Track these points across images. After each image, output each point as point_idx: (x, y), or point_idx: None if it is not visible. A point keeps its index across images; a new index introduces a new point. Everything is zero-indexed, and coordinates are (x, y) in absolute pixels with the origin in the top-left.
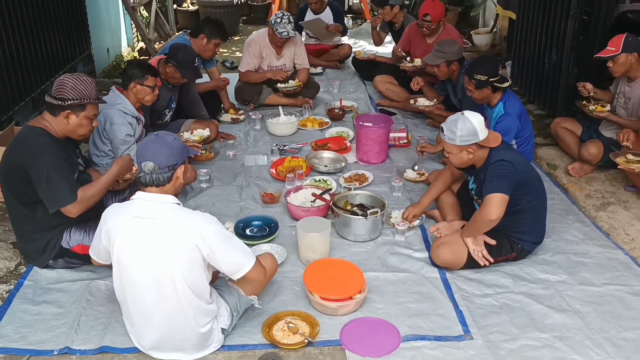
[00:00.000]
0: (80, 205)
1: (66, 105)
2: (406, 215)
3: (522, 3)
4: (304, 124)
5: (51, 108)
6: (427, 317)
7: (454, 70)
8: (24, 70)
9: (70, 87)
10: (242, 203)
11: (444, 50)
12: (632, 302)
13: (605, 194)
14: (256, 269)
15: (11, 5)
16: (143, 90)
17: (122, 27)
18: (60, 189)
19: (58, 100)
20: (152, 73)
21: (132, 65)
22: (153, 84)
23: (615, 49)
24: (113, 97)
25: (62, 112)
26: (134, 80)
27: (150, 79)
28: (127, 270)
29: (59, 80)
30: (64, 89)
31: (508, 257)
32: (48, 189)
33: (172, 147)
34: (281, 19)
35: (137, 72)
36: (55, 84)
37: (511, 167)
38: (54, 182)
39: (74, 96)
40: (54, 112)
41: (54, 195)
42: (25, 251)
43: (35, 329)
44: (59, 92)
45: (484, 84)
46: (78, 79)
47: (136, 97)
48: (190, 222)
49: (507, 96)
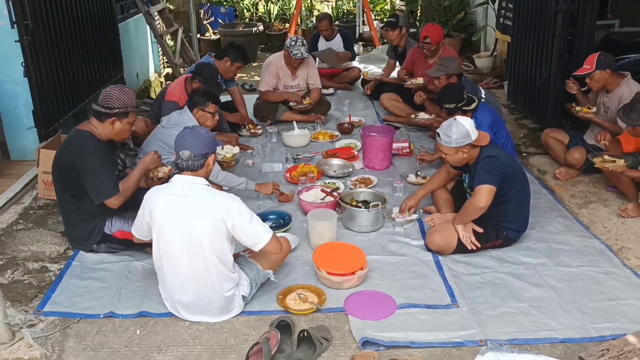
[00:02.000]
0: (121, 197)
1: (112, 113)
2: (403, 206)
3: (516, 26)
4: (316, 136)
5: (98, 115)
6: (420, 290)
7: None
8: (67, 89)
9: (116, 97)
10: (259, 202)
11: (445, 65)
12: (602, 279)
13: (588, 194)
14: (273, 242)
15: (59, 36)
16: (205, 115)
17: (150, 54)
18: (105, 184)
19: (105, 109)
20: (213, 101)
21: (196, 93)
22: (213, 110)
23: (589, 67)
24: (186, 118)
25: (109, 119)
26: (198, 106)
27: (211, 106)
28: (165, 239)
29: (105, 91)
30: (111, 98)
31: (494, 243)
32: (95, 183)
33: (205, 139)
34: (295, 42)
35: (200, 99)
36: (102, 94)
37: (498, 162)
38: (100, 177)
39: (119, 105)
40: (100, 119)
41: (100, 189)
42: (73, 237)
43: (84, 298)
44: (106, 101)
45: (454, 110)
46: (122, 90)
47: (199, 121)
48: (218, 199)
49: (480, 110)
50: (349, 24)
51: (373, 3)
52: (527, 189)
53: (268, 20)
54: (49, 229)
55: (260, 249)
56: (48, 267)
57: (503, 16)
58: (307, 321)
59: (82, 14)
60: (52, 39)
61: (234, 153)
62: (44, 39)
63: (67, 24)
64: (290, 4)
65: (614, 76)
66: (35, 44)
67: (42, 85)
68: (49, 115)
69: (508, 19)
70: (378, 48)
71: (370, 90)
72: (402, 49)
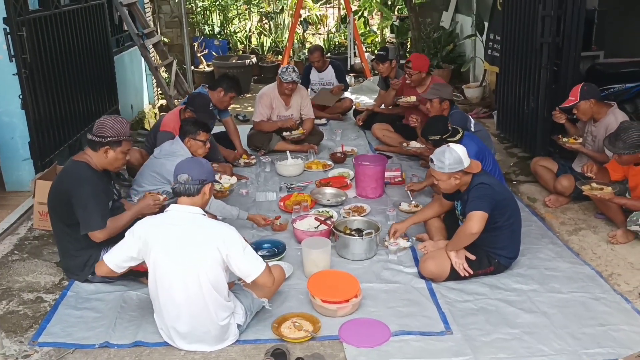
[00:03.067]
0: (106, 232)
1: (105, 141)
2: (392, 231)
3: (503, 58)
4: (309, 166)
5: (92, 144)
6: (414, 318)
7: (445, 108)
8: (63, 121)
9: (109, 127)
10: (253, 231)
11: (439, 89)
12: (593, 305)
13: (577, 221)
14: (265, 274)
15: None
16: (196, 144)
17: (144, 86)
18: (93, 216)
19: (99, 137)
20: (204, 129)
21: (187, 122)
22: (204, 138)
23: (574, 98)
24: (178, 147)
25: (102, 148)
26: (189, 135)
27: (202, 134)
28: (162, 268)
29: (99, 120)
30: (104, 127)
31: (486, 270)
32: (84, 214)
33: (204, 167)
34: (286, 68)
35: (190, 128)
36: (96, 124)
37: (490, 189)
38: (90, 209)
39: (112, 134)
40: (94, 148)
41: (87, 221)
42: (68, 267)
43: (79, 328)
44: (99, 130)
45: (439, 142)
46: (115, 119)
47: (190, 150)
48: (214, 228)
49: (465, 140)
50: (341, 55)
51: (364, 35)
52: (518, 216)
53: (261, 52)
54: (44, 259)
55: (252, 280)
56: (43, 297)
57: (491, 48)
58: (302, 349)
59: (79, 48)
60: (50, 72)
61: (232, 183)
62: (41, 72)
63: (64, 58)
64: (283, 37)
65: (600, 105)
66: (33, 77)
67: (38, 117)
68: (45, 146)
69: (496, 51)
70: (369, 79)
71: (362, 120)
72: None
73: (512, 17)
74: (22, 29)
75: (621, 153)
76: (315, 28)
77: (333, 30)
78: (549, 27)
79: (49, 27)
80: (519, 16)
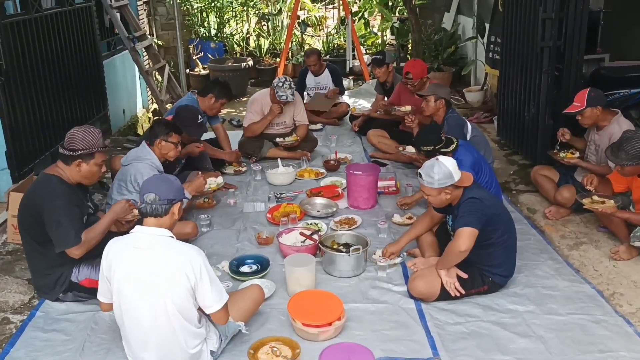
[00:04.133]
0: (83, 247)
1: (77, 155)
2: (385, 252)
3: (504, 61)
4: (302, 174)
5: (64, 158)
6: (401, 342)
7: (439, 107)
8: (44, 128)
9: (80, 139)
10: (238, 245)
11: (435, 87)
12: (592, 329)
13: (579, 234)
14: (220, 313)
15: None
16: (167, 146)
17: (137, 90)
18: (67, 233)
19: (69, 151)
20: (176, 131)
21: (159, 123)
22: (176, 140)
23: (580, 104)
24: (144, 152)
25: (74, 162)
26: (160, 136)
27: (174, 136)
28: (126, 296)
29: (70, 133)
30: (74, 140)
31: (480, 289)
32: (57, 232)
33: (173, 185)
34: (283, 83)
35: (162, 129)
36: (66, 137)
37: (480, 204)
38: (63, 226)
39: (83, 146)
40: (66, 162)
41: (61, 238)
42: (39, 285)
43: (44, 353)
44: (70, 143)
45: (432, 152)
46: (86, 130)
47: (161, 152)
48: (182, 253)
49: (460, 150)
50: (340, 58)
51: (364, 37)
52: (513, 231)
53: (259, 54)
54: (15, 276)
55: (210, 312)
56: (10, 318)
57: (492, 50)
58: None
59: (64, 52)
60: (30, 78)
61: (218, 183)
62: (19, 78)
63: (45, 63)
64: (281, 39)
65: (605, 112)
66: (10, 83)
67: (15, 125)
68: (23, 155)
69: (497, 53)
70: (368, 82)
71: (358, 126)
72: (389, 85)
73: (512, 19)
74: None
75: (624, 164)
76: (314, 30)
77: (332, 32)
78: (550, 30)
79: (29, 31)
80: (519, 18)
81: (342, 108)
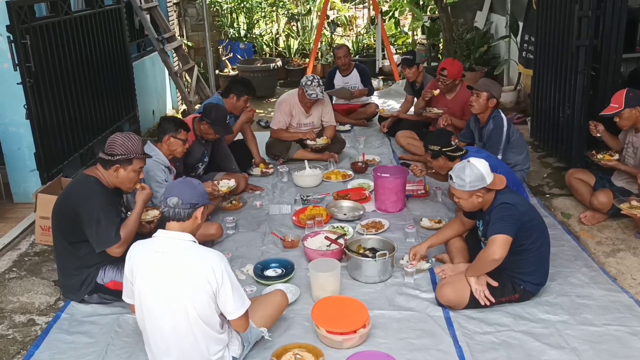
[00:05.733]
0: (124, 245)
1: (115, 160)
2: (411, 254)
3: (538, 61)
4: (329, 176)
5: (103, 162)
6: (427, 352)
7: (490, 107)
8: (74, 130)
9: (119, 144)
10: (263, 247)
11: (489, 84)
12: (629, 341)
13: (615, 241)
14: (240, 320)
15: (65, 76)
16: (176, 142)
17: (167, 91)
18: (108, 231)
19: (108, 156)
20: (184, 128)
21: (167, 120)
22: (185, 137)
23: (618, 106)
24: (148, 149)
25: (112, 166)
26: (169, 133)
27: (183, 133)
28: (147, 301)
29: (110, 138)
30: (114, 145)
31: (511, 298)
32: (98, 231)
33: (196, 189)
34: (312, 81)
35: (171, 126)
36: (107, 142)
37: (514, 210)
38: (103, 225)
39: (122, 152)
40: (105, 166)
41: (102, 237)
42: (65, 286)
43: (68, 355)
44: (109, 148)
45: (438, 153)
46: (126, 137)
47: (169, 148)
48: (204, 257)
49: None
50: (369, 58)
51: (394, 37)
52: (547, 237)
53: (288, 55)
54: (42, 277)
55: (231, 319)
56: (35, 320)
57: (525, 49)
58: None
59: (93, 54)
60: (59, 80)
61: (229, 186)
62: (47, 80)
63: (74, 64)
64: (311, 39)
65: None
66: (39, 85)
67: (44, 127)
68: (52, 157)
69: (530, 52)
70: (398, 82)
71: (387, 127)
72: (419, 85)
73: (546, 17)
74: (26, 36)
75: None
76: (344, 30)
77: (362, 32)
78: (586, 29)
79: (58, 33)
80: (554, 16)
81: (371, 109)
